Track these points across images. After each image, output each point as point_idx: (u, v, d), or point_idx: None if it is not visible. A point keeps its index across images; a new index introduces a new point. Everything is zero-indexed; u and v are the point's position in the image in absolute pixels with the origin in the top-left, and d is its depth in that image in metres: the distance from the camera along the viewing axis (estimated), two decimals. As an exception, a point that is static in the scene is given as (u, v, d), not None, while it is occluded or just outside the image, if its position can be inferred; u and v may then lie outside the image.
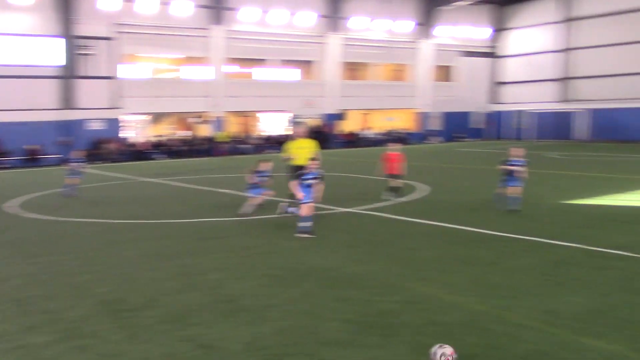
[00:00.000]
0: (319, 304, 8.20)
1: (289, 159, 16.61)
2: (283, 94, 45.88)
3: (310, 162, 13.17)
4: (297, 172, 13.83)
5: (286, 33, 45.71)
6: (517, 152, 15.61)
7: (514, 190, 15.34)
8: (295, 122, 45.37)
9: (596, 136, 48.79)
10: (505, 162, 15.61)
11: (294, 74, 47.41)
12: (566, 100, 51.80)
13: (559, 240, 11.95)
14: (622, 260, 10.33)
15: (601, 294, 8.47)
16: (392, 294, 8.64)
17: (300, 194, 12.73)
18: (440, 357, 5.88)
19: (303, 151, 16.08)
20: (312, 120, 46.91)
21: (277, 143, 38.56)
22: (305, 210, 12.71)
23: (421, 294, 8.63)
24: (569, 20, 51.15)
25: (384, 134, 48.94)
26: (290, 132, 37.94)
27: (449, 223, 14.01)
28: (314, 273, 9.82)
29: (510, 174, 15.39)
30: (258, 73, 46.08)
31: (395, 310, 7.91)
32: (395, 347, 6.68)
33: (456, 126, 54.57)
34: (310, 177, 12.79)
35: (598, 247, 11.32)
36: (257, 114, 47.99)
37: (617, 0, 47.51)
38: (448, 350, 5.93)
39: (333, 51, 48.19)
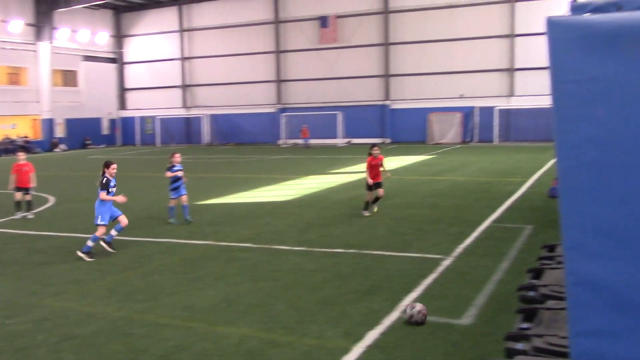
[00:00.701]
0: None
1: None
2: None
3: None
4: None
5: None
6: (178, 158, 14.83)
7: (185, 198, 14.59)
8: None
9: (220, 140, 52.41)
10: (170, 169, 14.63)
11: None
12: (189, 107, 54.42)
13: (193, 240, 12.56)
14: (247, 252, 11.37)
15: (232, 284, 9.20)
16: (23, 314, 8.02)
17: None
18: (418, 314, 7.11)
19: None
20: None
21: None
22: None
23: (56, 310, 8.20)
24: (186, 30, 53.76)
25: (3, 143, 44.50)
26: None
27: (80, 233, 13.52)
28: None
29: (177, 180, 14.52)
30: None
31: (29, 331, 7.37)
32: (30, 369, 6.25)
33: (87, 133, 52.72)
34: None
35: (227, 242, 12.25)
36: None
37: (226, 15, 51.65)
38: (418, 306, 7.22)
39: None
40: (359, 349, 6.58)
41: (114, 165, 11.84)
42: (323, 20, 47.58)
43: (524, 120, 42.35)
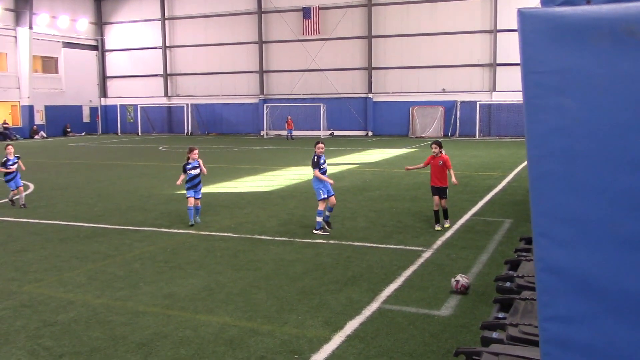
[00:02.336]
0: None
1: None
2: None
3: None
4: None
5: None
6: (196, 155, 13.00)
7: (194, 200, 12.95)
8: None
9: (201, 130, 52.18)
10: (185, 167, 12.91)
11: None
12: (171, 95, 54.07)
13: (174, 229, 12.56)
14: (228, 241, 11.40)
15: (213, 273, 9.24)
16: (2, 300, 8.01)
17: None
18: (455, 283, 7.96)
19: None
20: None
21: None
22: None
23: (36, 297, 8.19)
24: (168, 18, 53.31)
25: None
26: None
27: (61, 220, 13.47)
28: None
29: (194, 178, 12.87)
30: None
31: (8, 317, 7.36)
32: (9, 355, 6.24)
33: (67, 120, 52.21)
34: None
35: (208, 231, 12.27)
36: None
37: (209, 4, 51.31)
38: (462, 280, 7.95)
39: None
40: (338, 338, 6.66)
41: (320, 145, 12.39)
42: (306, 12, 47.46)
43: (506, 115, 42.66)
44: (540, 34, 2.00)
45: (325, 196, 12.01)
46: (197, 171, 12.90)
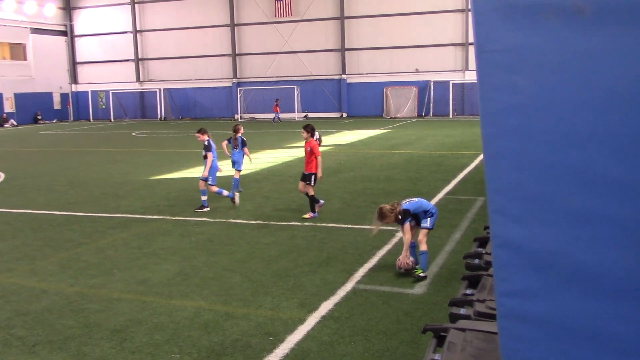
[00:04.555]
0: None
1: None
2: None
3: None
4: None
5: None
6: (241, 132, 14.49)
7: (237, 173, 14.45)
8: None
9: (175, 114, 51.70)
10: (229, 140, 14.58)
11: None
12: (143, 80, 53.42)
13: (148, 215, 12.49)
14: (203, 226, 11.37)
15: (188, 258, 9.22)
16: (-27, 291, 7.91)
17: None
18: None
19: None
20: None
21: None
22: None
23: (7, 286, 8.11)
24: (137, 2, 52.41)
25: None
26: None
27: (32, 209, 13.31)
28: None
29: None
30: None
31: (-21, 308, 7.29)
32: (-19, 346, 6.20)
33: (38, 107, 51.33)
34: None
35: (182, 216, 12.22)
36: None
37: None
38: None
39: None
40: (313, 319, 6.71)
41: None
42: (278, -7, 47.10)
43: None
44: (492, 12, 2.02)
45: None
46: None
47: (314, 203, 11.79)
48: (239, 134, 14.47)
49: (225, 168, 15.12)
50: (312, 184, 11.67)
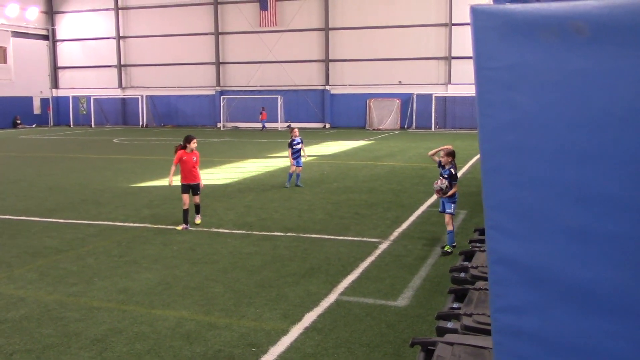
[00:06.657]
0: None
1: None
2: None
3: None
4: None
5: None
6: (297, 133, 16.83)
7: (299, 168, 16.93)
8: None
9: (157, 122, 51.43)
10: (291, 143, 16.65)
11: None
12: (125, 87, 53.11)
13: (129, 222, 12.37)
14: (185, 235, 11.28)
15: (169, 267, 9.14)
16: (-51, 298, 7.77)
17: None
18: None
19: None
20: None
21: None
22: None
23: (-15, 294, 7.96)
24: (120, 8, 52.22)
25: None
26: None
27: (11, 215, 13.12)
28: None
29: (298, 152, 16.65)
30: None
31: (-45, 316, 7.15)
32: (-43, 355, 6.08)
33: (17, 112, 50.79)
34: None
35: (164, 224, 12.12)
36: None
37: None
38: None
39: None
40: (296, 330, 6.67)
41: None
42: (263, 3, 47.16)
43: (461, 107, 43.29)
44: (492, 31, 2.04)
45: None
46: (300, 146, 16.59)
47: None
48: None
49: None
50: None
